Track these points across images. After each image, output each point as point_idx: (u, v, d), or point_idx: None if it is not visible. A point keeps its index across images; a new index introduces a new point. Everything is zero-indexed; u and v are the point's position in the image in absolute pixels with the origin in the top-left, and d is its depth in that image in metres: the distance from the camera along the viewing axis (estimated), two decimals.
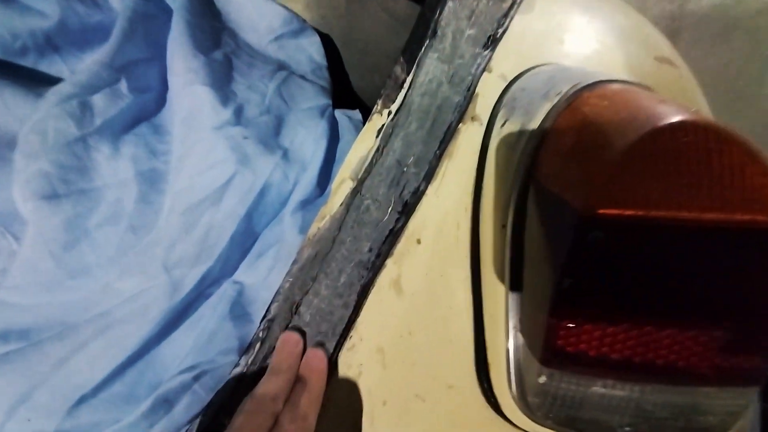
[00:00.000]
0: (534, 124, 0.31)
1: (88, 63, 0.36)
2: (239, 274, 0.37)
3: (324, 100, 0.45)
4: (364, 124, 0.38)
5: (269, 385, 0.30)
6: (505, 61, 0.37)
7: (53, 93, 0.34)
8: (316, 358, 0.32)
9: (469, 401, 0.32)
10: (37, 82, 0.35)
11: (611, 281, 0.23)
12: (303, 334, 0.34)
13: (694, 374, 0.25)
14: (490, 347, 0.32)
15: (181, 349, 0.33)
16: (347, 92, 0.60)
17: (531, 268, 0.28)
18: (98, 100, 0.35)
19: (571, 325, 0.24)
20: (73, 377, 0.31)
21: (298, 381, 0.31)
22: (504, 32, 0.37)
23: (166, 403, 0.31)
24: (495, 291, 0.32)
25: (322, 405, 0.31)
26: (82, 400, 0.31)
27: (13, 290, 0.31)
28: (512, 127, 0.34)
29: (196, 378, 0.32)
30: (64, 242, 0.32)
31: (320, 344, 0.34)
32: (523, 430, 0.31)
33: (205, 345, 0.33)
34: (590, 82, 0.30)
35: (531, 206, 0.29)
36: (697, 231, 0.22)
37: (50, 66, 0.37)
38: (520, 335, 0.28)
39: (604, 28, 0.39)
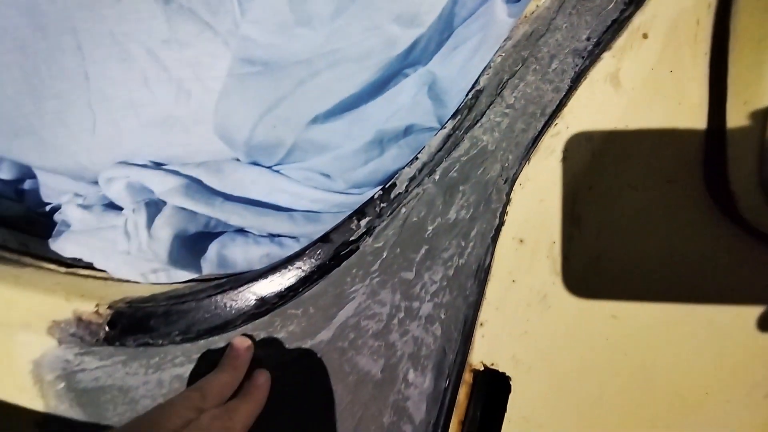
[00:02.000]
0: None
1: None
2: (433, 64, 0.37)
3: None
4: None
5: (213, 380, 0.31)
6: None
7: None
8: (263, 376, 0.34)
9: (691, 198, 0.29)
10: None
11: None
12: (254, 340, 0.34)
13: None
14: (732, 137, 0.28)
15: (388, 110, 0.33)
16: None
17: None
18: None
19: None
20: (309, 98, 0.33)
21: (240, 389, 0.33)
22: None
23: (379, 145, 0.32)
24: (751, 86, 0.27)
25: None
26: (315, 120, 0.33)
27: (253, 25, 0.33)
28: None
29: (405, 132, 0.32)
30: None
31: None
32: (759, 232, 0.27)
33: (409, 111, 0.33)
34: None
35: None
36: None
37: None
38: None
39: None
